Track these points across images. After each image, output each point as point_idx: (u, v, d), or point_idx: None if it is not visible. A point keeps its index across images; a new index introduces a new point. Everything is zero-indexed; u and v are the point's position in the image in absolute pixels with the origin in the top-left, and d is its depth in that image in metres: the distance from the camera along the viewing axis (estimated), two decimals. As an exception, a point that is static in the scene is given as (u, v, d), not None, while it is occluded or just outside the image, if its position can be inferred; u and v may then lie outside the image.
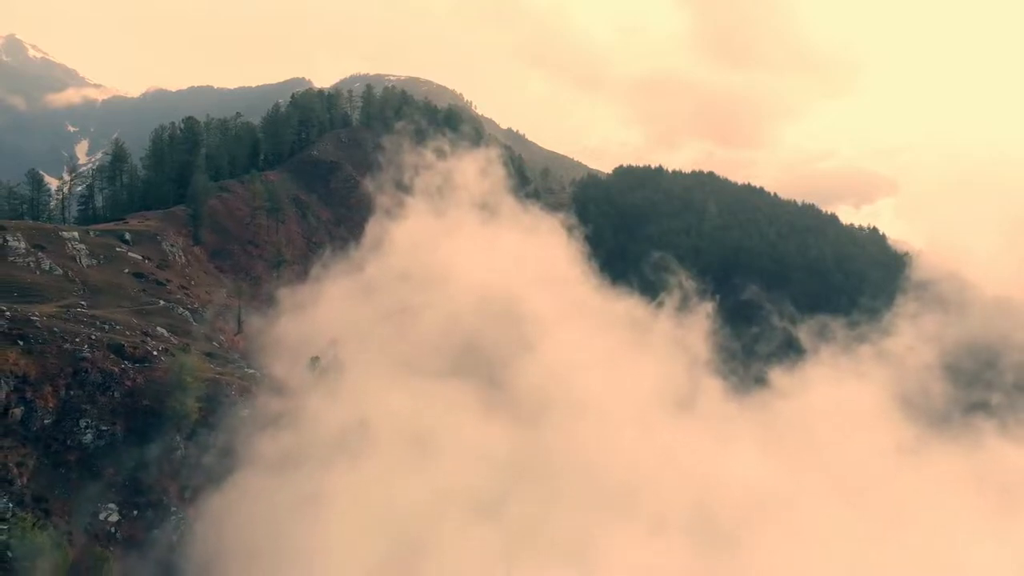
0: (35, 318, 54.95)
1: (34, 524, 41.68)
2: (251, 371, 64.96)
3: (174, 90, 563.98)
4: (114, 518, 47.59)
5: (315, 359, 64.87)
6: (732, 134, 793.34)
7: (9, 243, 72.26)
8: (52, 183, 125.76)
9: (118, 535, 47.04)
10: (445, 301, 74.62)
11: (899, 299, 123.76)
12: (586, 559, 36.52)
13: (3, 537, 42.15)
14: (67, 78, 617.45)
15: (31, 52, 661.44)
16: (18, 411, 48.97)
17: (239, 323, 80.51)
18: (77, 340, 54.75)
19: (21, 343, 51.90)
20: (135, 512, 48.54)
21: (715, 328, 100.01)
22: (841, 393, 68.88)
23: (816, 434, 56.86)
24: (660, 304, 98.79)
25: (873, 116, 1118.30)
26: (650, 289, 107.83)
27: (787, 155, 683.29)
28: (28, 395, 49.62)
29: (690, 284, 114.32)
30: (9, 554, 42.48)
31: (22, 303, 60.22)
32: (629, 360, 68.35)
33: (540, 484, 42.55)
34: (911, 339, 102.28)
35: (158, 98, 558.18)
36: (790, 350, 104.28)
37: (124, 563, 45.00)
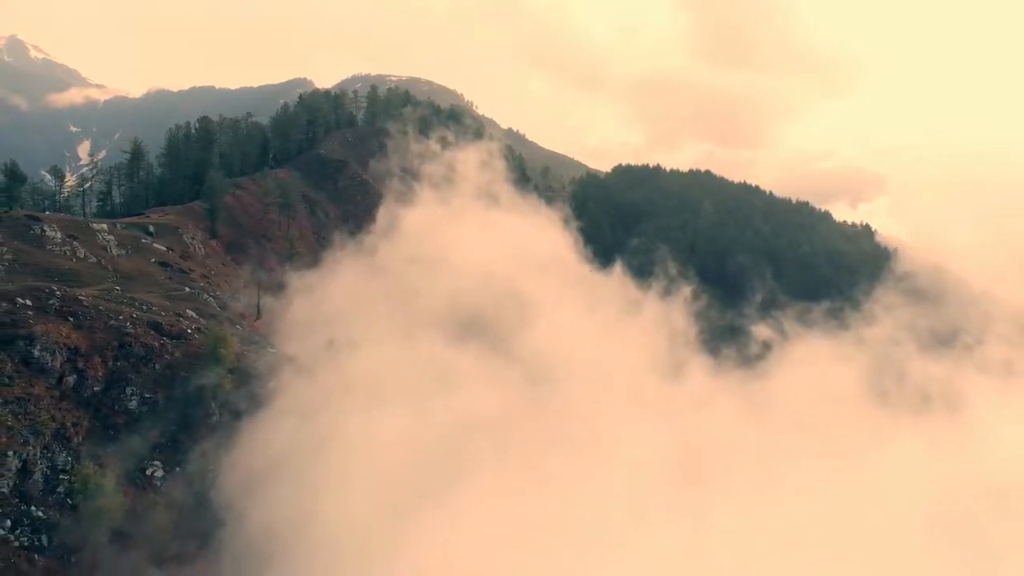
0: (82, 298, 60.66)
1: (96, 472, 47.46)
2: (273, 350, 70.66)
3: (176, 90, 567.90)
4: (159, 474, 53.29)
5: (330, 341, 70.62)
6: (732, 134, 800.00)
7: (47, 233, 77.98)
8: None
9: (162, 488, 52.75)
10: (449, 282, 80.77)
11: (880, 290, 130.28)
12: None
13: (67, 486, 48.00)
14: (69, 78, 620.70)
15: (33, 53, 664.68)
16: (71, 379, 54.65)
17: (258, 309, 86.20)
18: (120, 318, 60.47)
19: (71, 319, 57.60)
20: (176, 469, 54.25)
21: (701, 311, 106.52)
22: (817, 374, 74.81)
23: (794, 407, 62.59)
24: (649, 287, 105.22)
25: (873, 116, 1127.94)
26: (640, 275, 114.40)
27: (787, 155, 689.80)
28: (80, 365, 55.30)
29: (675, 267, 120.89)
30: (69, 501, 48.37)
31: (64, 287, 65.84)
32: (619, 337, 74.38)
33: (538, 429, 48.48)
34: (889, 327, 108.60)
35: (160, 98, 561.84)
36: (775, 335, 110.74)
37: (169, 510, 50.80)
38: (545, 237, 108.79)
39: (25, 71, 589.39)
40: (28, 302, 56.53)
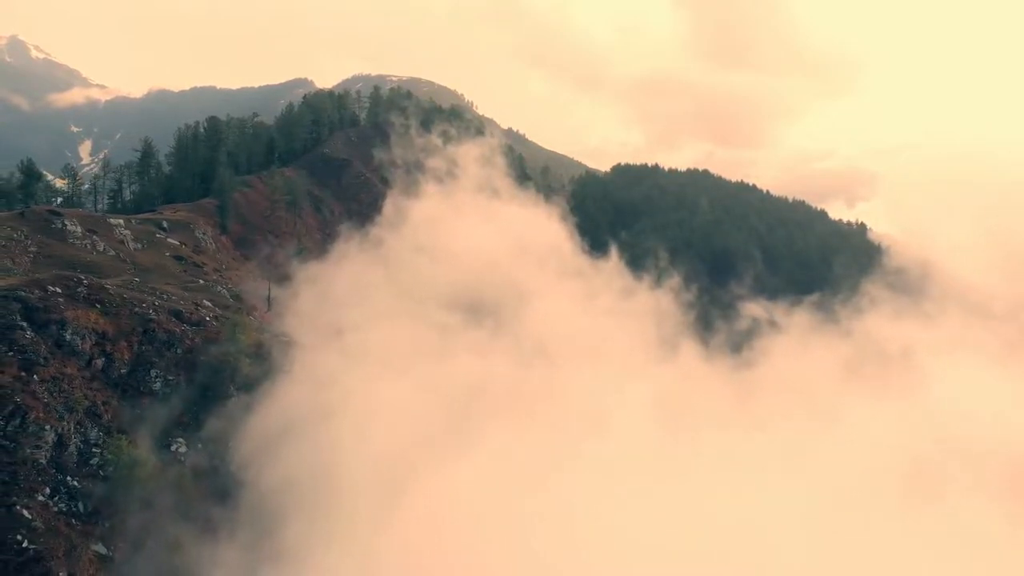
0: (108, 286, 64.26)
1: (128, 443, 51.13)
2: (285, 338, 74.32)
3: (176, 90, 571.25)
4: (183, 450, 56.89)
5: (338, 324, 74.40)
6: (732, 134, 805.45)
7: (68, 227, 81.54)
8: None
9: (187, 463, 56.39)
10: (452, 270, 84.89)
11: (868, 285, 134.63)
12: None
13: (100, 459, 51.62)
14: (70, 78, 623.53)
15: (34, 53, 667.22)
16: (100, 361, 58.21)
17: (268, 301, 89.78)
18: (143, 305, 64.09)
19: (99, 306, 61.17)
20: (199, 446, 57.89)
21: (693, 300, 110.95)
22: (801, 354, 79.00)
23: (777, 379, 66.82)
24: (641, 278, 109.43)
25: (872, 116, 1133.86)
26: (634, 267, 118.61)
27: (787, 155, 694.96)
28: (107, 349, 58.87)
29: (665, 256, 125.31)
30: (101, 472, 51.98)
31: (89, 277, 69.39)
32: (612, 320, 78.42)
33: (536, 394, 52.84)
34: (874, 319, 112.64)
35: (160, 98, 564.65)
36: (764, 325, 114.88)
37: (193, 479, 54.59)
38: (544, 230, 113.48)
39: (26, 71, 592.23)
40: (58, 290, 60.06)
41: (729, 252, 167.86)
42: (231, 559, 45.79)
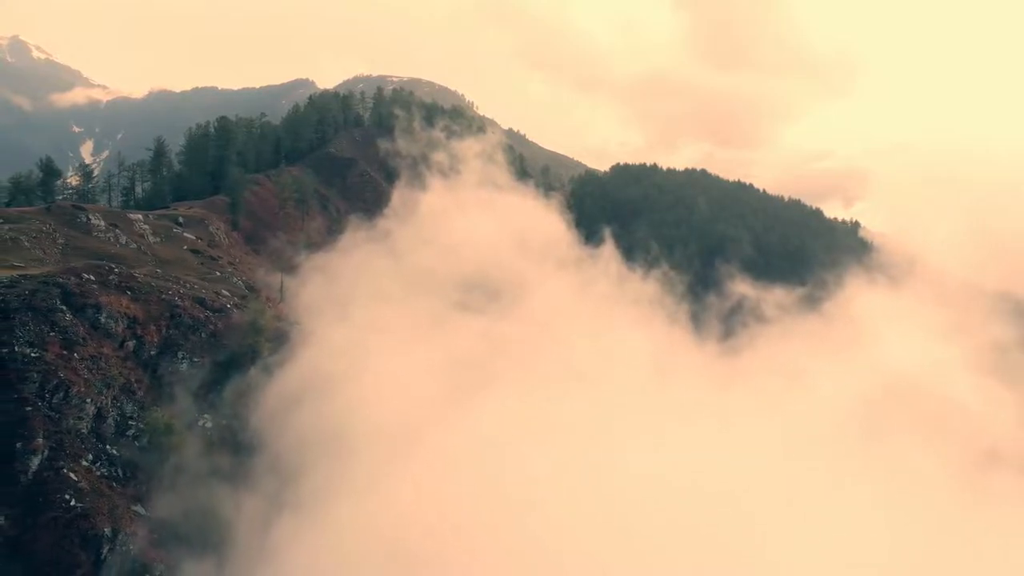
0: (136, 275, 68.84)
1: (162, 414, 55.81)
2: (298, 323, 79.03)
3: (178, 91, 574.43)
4: (209, 425, 61.56)
5: (348, 308, 79.18)
6: (731, 135, 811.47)
7: (92, 221, 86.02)
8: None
9: (213, 438, 60.98)
10: (454, 259, 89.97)
11: (850, 275, 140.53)
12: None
13: (135, 430, 56.23)
14: (71, 79, 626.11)
15: (35, 53, 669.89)
16: (131, 343, 62.78)
17: (281, 291, 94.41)
18: (170, 293, 68.68)
19: (129, 293, 65.72)
20: (223, 422, 62.52)
21: (685, 292, 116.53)
22: (787, 351, 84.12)
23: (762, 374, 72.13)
24: (634, 269, 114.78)
25: (871, 116, 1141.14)
26: (628, 259, 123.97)
27: (785, 155, 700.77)
28: (138, 332, 63.45)
29: (655, 247, 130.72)
30: (136, 443, 56.60)
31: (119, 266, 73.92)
32: (608, 308, 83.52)
33: (540, 357, 58.14)
34: (858, 311, 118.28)
35: (162, 99, 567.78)
36: (753, 317, 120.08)
37: (218, 447, 59.39)
38: (543, 223, 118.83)
39: (28, 71, 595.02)
40: (92, 277, 64.60)
41: (724, 249, 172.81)
42: (253, 509, 50.79)
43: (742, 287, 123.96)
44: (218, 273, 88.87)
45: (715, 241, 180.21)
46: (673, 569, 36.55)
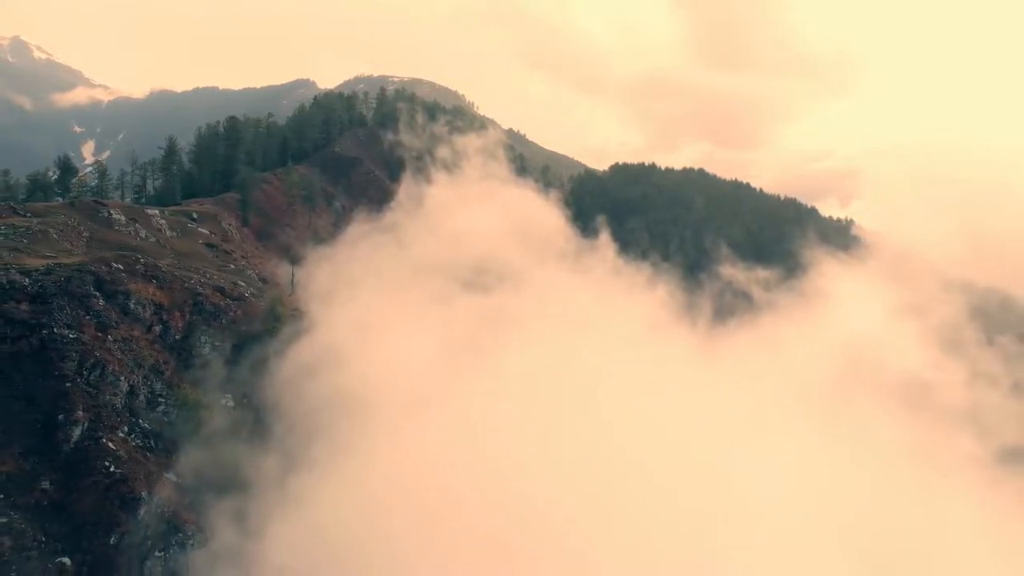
0: (160, 265, 73.35)
1: (190, 392, 60.36)
2: (309, 309, 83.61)
3: (179, 91, 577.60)
4: (231, 404, 66.08)
5: (354, 294, 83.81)
6: (731, 135, 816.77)
7: (113, 216, 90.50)
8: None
9: (235, 411, 65.52)
10: (457, 250, 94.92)
11: (835, 264, 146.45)
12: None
13: (164, 407, 60.74)
14: (72, 79, 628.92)
15: (36, 53, 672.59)
16: (158, 328, 67.31)
17: (292, 283, 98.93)
18: (192, 282, 73.22)
19: (155, 281, 70.27)
20: (244, 401, 67.07)
21: (679, 280, 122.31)
22: (774, 334, 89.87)
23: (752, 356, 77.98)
24: (629, 261, 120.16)
25: (869, 116, 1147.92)
26: (623, 252, 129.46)
27: (785, 155, 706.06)
28: (164, 317, 67.99)
29: (646, 239, 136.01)
30: (166, 418, 61.12)
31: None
32: (605, 299, 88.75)
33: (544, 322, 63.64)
34: (842, 298, 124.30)
35: (163, 99, 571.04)
36: (743, 306, 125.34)
37: (238, 422, 64.11)
38: (542, 217, 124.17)
39: (29, 71, 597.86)
40: (120, 267, 69.12)
41: (716, 242, 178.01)
42: (271, 468, 55.83)
43: (731, 271, 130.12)
44: (232, 266, 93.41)
45: (710, 238, 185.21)
46: (654, 517, 41.36)
